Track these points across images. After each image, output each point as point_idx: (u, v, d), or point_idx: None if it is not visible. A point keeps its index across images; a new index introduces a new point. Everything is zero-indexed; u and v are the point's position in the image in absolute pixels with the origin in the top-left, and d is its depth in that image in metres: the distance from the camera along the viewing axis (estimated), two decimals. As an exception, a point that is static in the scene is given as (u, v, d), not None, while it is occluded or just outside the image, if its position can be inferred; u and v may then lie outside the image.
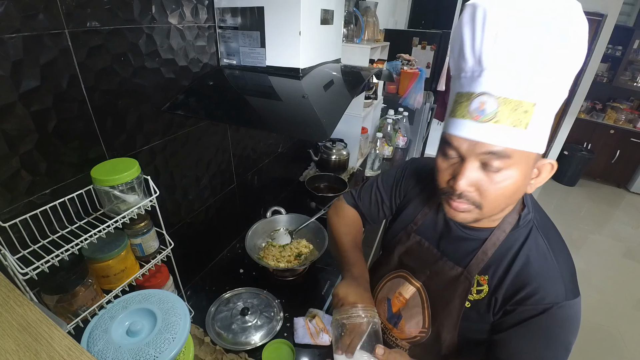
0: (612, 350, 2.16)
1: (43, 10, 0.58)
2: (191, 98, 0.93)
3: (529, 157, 0.51)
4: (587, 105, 4.23)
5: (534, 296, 0.57)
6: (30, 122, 0.61)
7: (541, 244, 0.60)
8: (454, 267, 0.67)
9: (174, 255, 0.86)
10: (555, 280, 0.57)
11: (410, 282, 0.75)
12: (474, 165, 0.52)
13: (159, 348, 0.58)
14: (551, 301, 0.56)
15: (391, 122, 2.42)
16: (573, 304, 0.57)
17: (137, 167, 0.70)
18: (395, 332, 0.78)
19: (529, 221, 0.62)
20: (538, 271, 0.58)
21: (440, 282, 0.69)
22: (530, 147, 0.49)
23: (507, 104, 0.47)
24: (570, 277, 0.58)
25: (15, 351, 0.38)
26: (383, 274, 0.82)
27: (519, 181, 0.52)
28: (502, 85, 0.47)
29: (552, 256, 0.59)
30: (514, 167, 0.50)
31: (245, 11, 0.93)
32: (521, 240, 0.61)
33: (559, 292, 0.56)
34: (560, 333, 0.57)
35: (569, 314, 0.57)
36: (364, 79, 1.05)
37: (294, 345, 0.96)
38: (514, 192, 0.54)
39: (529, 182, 0.55)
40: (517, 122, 0.47)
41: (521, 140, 0.48)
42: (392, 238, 0.81)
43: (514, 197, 0.56)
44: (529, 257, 0.59)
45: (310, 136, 0.79)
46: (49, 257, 0.58)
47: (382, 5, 2.44)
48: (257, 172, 1.46)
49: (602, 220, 3.68)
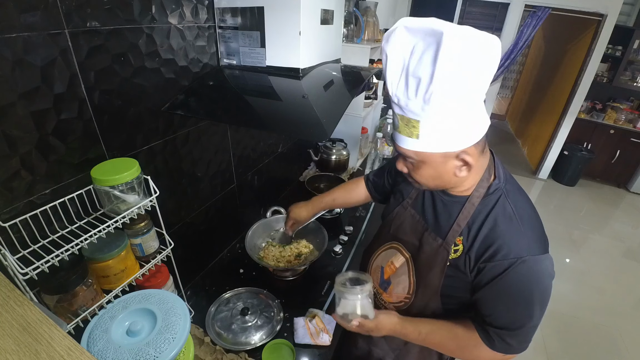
0: (612, 350, 2.16)
1: (43, 10, 0.58)
2: (191, 98, 0.93)
3: (431, 155, 0.64)
4: (587, 105, 4.22)
5: (499, 252, 0.65)
6: (30, 122, 0.61)
7: (508, 209, 0.68)
8: (435, 239, 0.76)
9: (174, 255, 0.86)
10: (519, 238, 0.65)
11: (401, 253, 0.85)
12: (400, 157, 0.71)
13: (159, 348, 0.58)
14: (515, 255, 0.64)
15: (391, 122, 2.42)
16: (538, 259, 0.64)
17: (137, 167, 0.70)
18: (385, 295, 0.89)
19: (498, 189, 0.70)
20: (503, 231, 0.66)
21: (424, 253, 0.78)
22: (424, 149, 0.63)
23: (402, 120, 0.63)
24: (535, 236, 0.66)
25: (15, 351, 0.38)
26: (379, 245, 0.92)
27: (432, 171, 0.67)
28: (397, 106, 0.63)
29: (517, 218, 0.67)
30: (422, 161, 0.66)
31: (245, 11, 0.93)
32: (490, 206, 0.69)
33: (522, 247, 0.64)
34: (528, 286, 0.65)
35: (534, 268, 0.64)
36: (364, 79, 1.05)
37: (294, 345, 0.96)
38: (436, 177, 0.68)
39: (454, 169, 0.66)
40: (410, 134, 0.63)
41: (415, 146, 0.64)
42: (389, 212, 0.91)
43: (439, 180, 0.69)
44: (496, 220, 0.68)
45: (310, 136, 0.79)
46: (49, 257, 0.58)
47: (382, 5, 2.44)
48: (257, 172, 1.46)
49: (602, 220, 3.68)
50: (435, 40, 0.54)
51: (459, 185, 0.72)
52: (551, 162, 4.34)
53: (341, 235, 1.47)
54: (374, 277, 0.91)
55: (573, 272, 2.84)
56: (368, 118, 2.21)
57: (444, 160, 0.65)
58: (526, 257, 0.63)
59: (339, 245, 1.41)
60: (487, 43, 0.54)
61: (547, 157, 4.33)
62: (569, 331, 2.26)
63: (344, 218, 1.64)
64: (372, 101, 2.14)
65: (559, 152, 4.25)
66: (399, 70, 0.60)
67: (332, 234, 1.43)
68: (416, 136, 0.62)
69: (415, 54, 0.57)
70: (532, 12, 3.54)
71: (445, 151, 0.63)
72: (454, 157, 0.64)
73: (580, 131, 4.17)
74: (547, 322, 2.29)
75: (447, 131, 0.61)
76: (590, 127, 4.18)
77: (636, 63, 3.93)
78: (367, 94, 2.08)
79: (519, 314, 0.67)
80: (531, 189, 4.26)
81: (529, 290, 0.65)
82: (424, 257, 0.78)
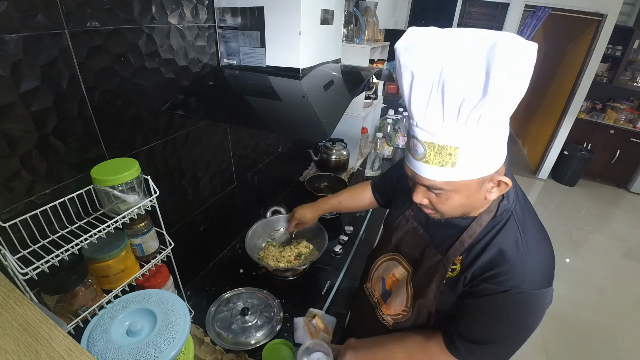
0: (612, 350, 2.16)
1: (43, 10, 0.58)
2: (191, 98, 0.93)
3: (467, 183, 0.58)
4: (587, 105, 4.22)
5: (497, 277, 0.62)
6: (30, 122, 0.61)
7: (515, 234, 0.63)
8: (435, 255, 0.73)
9: (174, 255, 0.86)
10: (521, 269, 0.60)
11: (402, 266, 0.82)
12: (421, 188, 0.64)
13: (159, 348, 0.58)
14: (512, 285, 0.60)
15: (391, 122, 2.42)
16: (537, 294, 0.60)
17: (137, 167, 0.70)
18: (384, 307, 0.86)
19: (507, 211, 0.66)
20: (507, 258, 0.62)
21: (424, 267, 0.75)
22: (460, 178, 0.57)
23: (432, 148, 0.55)
24: (541, 268, 0.62)
25: (15, 351, 0.38)
26: (381, 254, 0.90)
27: (464, 199, 0.61)
28: (426, 133, 0.55)
29: (524, 246, 0.62)
30: (454, 191, 0.60)
31: (245, 11, 0.93)
32: (497, 230, 0.65)
33: (522, 279, 0.60)
34: (516, 315, 0.62)
35: (528, 301, 0.61)
36: (364, 79, 1.05)
37: (294, 345, 0.96)
38: (464, 205, 0.63)
39: (485, 193, 0.61)
40: (444, 163, 0.55)
41: (450, 175, 0.56)
42: (391, 222, 0.88)
43: (468, 207, 0.64)
44: (501, 246, 0.63)
45: (310, 136, 0.78)
46: (49, 257, 0.58)
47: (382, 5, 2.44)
48: (257, 172, 1.46)
49: (602, 220, 3.68)
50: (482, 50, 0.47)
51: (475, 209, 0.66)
52: (551, 162, 4.35)
53: (341, 235, 1.47)
54: (375, 288, 0.90)
55: (573, 272, 2.84)
56: (368, 118, 2.21)
57: (479, 186, 0.59)
58: (524, 289, 0.60)
59: (339, 245, 1.41)
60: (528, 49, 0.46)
61: (547, 157, 4.33)
62: (569, 331, 2.26)
63: (344, 218, 1.64)
64: (372, 101, 2.14)
65: (559, 152, 4.25)
66: (427, 90, 0.52)
67: (332, 234, 1.43)
68: (452, 164, 0.55)
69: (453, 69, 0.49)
70: (532, 12, 3.54)
71: (483, 176, 0.57)
72: (489, 180, 0.59)
73: (580, 131, 4.17)
74: (547, 322, 2.29)
75: (486, 154, 0.55)
76: (590, 127, 4.19)
77: (636, 63, 3.94)
78: (367, 94, 2.08)
79: (493, 332, 0.65)
80: (531, 189, 4.26)
81: (516, 319, 0.62)
82: (423, 272, 0.75)
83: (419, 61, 0.51)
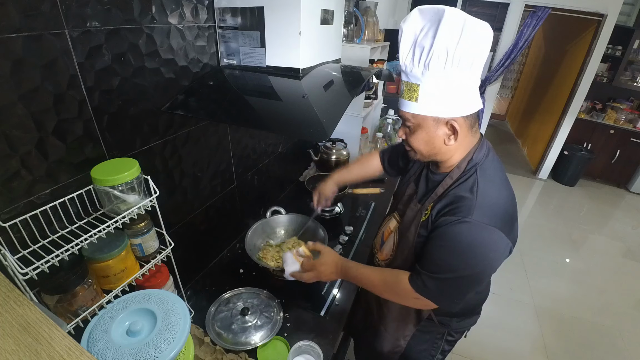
0: (612, 350, 2.16)
1: (43, 10, 0.58)
2: (191, 98, 0.93)
3: (425, 118, 0.75)
4: (587, 105, 4.22)
5: (451, 211, 0.75)
6: (30, 122, 0.61)
7: (472, 181, 0.76)
8: (416, 205, 0.89)
9: (174, 255, 0.86)
10: (470, 203, 0.73)
11: (395, 219, 1.00)
12: (403, 126, 0.83)
13: (159, 348, 0.58)
14: (460, 215, 0.72)
15: (391, 122, 2.42)
16: (483, 227, 0.71)
17: (137, 167, 0.70)
18: (379, 254, 1.05)
19: (473, 167, 0.79)
20: (462, 197, 0.75)
21: (407, 216, 0.90)
22: (420, 112, 0.74)
23: (407, 86, 0.75)
24: (489, 206, 0.73)
25: (15, 351, 0.38)
26: (386, 215, 1.09)
27: (425, 136, 0.78)
28: (405, 74, 0.75)
29: (477, 189, 0.74)
30: (417, 125, 0.77)
31: (245, 11, 0.93)
32: (462, 181, 0.78)
33: (469, 211, 0.72)
34: (462, 245, 0.72)
35: (473, 232, 0.71)
36: (364, 79, 1.05)
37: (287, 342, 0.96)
38: (428, 142, 0.78)
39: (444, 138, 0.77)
40: (411, 97, 0.74)
41: (414, 108, 0.75)
42: (399, 189, 1.04)
43: (432, 146, 0.79)
44: (460, 191, 0.77)
45: (310, 136, 0.79)
46: (49, 257, 0.58)
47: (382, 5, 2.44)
48: (257, 172, 1.46)
49: (602, 220, 3.68)
50: (438, 18, 0.66)
51: (448, 159, 0.82)
52: (551, 162, 4.34)
53: (341, 235, 1.47)
54: (377, 242, 1.08)
55: (573, 272, 2.84)
56: (368, 118, 2.21)
57: (435, 125, 0.75)
58: (471, 220, 0.71)
59: (339, 245, 1.41)
60: (479, 26, 0.66)
61: (547, 157, 4.33)
62: (569, 331, 2.26)
63: (344, 218, 1.64)
64: (372, 101, 2.14)
65: (559, 152, 4.25)
66: (410, 43, 0.72)
67: (332, 234, 1.44)
68: (415, 99, 0.73)
69: (423, 29, 0.69)
70: (532, 12, 3.54)
71: (437, 115, 0.74)
72: (444, 124, 0.75)
73: (580, 131, 4.17)
74: (547, 322, 2.30)
75: (440, 97, 0.72)
76: (590, 127, 4.18)
77: (636, 63, 3.94)
78: (367, 94, 2.08)
79: (442, 262, 0.76)
80: (531, 189, 4.26)
81: (461, 247, 0.72)
82: (406, 220, 0.90)
83: (407, 23, 0.71)
